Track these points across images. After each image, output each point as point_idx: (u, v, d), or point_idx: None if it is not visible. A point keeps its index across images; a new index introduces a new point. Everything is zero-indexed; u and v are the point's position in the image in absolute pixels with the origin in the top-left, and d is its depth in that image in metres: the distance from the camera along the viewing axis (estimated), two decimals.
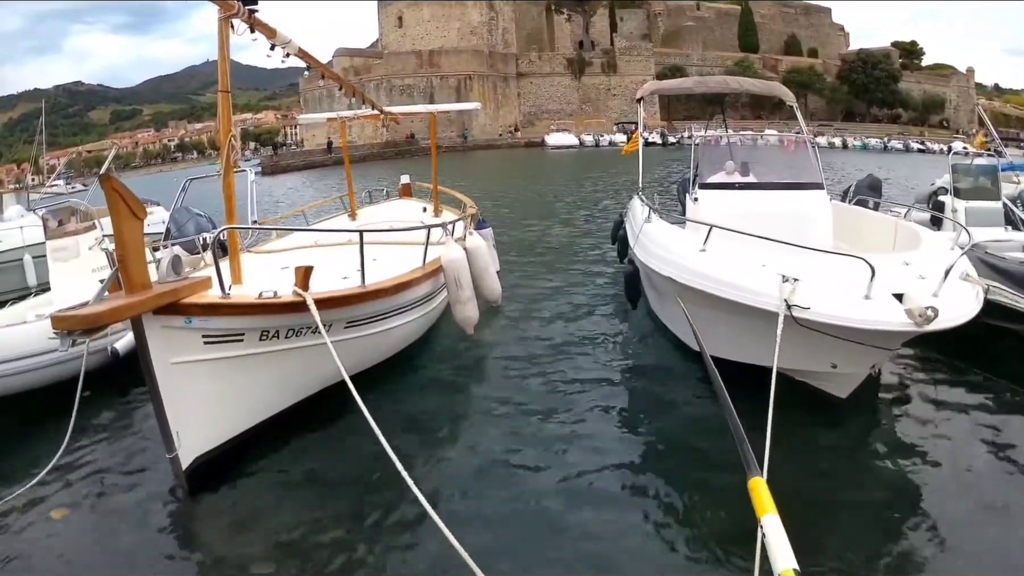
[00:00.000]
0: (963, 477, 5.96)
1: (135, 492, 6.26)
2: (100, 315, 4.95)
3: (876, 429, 6.95)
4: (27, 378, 8.10)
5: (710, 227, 7.25)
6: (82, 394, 6.14)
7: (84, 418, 7.50)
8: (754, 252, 6.88)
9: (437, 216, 13.64)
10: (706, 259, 7.10)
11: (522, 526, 5.46)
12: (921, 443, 6.51)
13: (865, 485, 5.91)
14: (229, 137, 7.19)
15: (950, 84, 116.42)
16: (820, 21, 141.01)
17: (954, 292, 6.05)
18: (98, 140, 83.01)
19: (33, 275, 14.18)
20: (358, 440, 6.66)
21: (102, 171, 26.40)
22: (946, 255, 7.03)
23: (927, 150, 72.33)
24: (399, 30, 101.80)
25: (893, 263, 6.64)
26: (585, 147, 75.81)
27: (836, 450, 6.47)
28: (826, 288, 6.05)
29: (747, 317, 6.56)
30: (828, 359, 6.56)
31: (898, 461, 6.24)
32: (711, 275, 6.84)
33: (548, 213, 24.47)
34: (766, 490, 3.49)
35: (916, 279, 6.30)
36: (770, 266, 6.47)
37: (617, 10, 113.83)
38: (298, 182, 51.77)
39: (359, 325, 7.37)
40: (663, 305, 9.14)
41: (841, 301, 5.88)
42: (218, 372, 6.10)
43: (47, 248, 10.09)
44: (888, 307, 5.72)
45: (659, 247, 8.25)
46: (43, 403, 7.88)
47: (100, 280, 8.49)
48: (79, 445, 7.08)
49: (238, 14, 6.88)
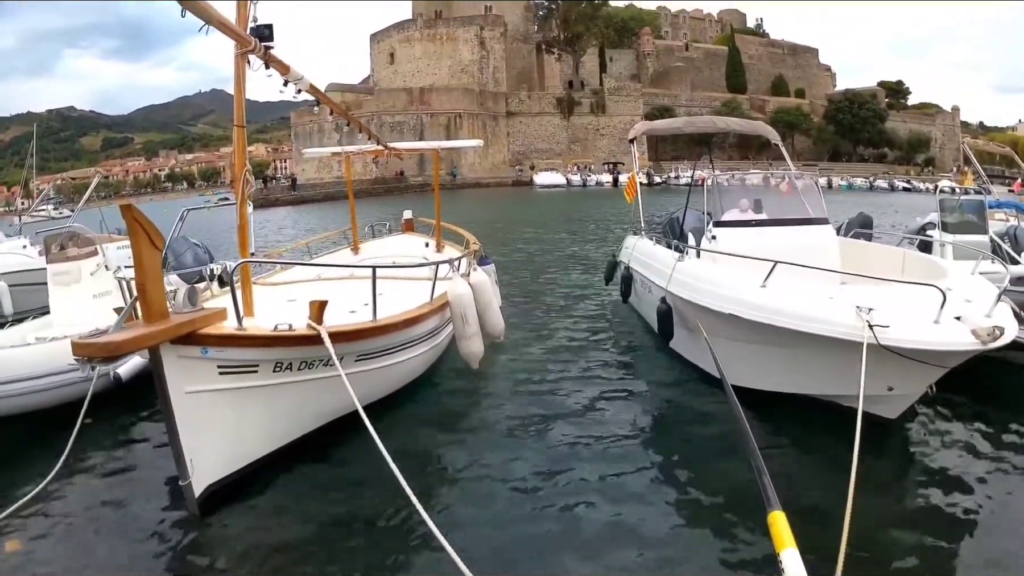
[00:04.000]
0: (982, 510, 5.96)
1: (143, 516, 6.24)
2: (121, 344, 5.03)
3: (902, 462, 7.03)
4: (27, 400, 8.09)
5: (774, 263, 7.40)
6: (84, 420, 6.21)
7: (87, 442, 7.53)
8: (813, 286, 7.30)
9: (439, 251, 13.73)
10: (772, 294, 7.25)
11: (532, 560, 5.44)
12: (940, 476, 6.61)
13: (894, 519, 5.86)
14: (244, 171, 7.25)
15: (936, 123, 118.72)
16: (807, 62, 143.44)
17: (1002, 313, 6.54)
18: (89, 166, 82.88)
19: (9, 303, 14.26)
20: (368, 472, 6.69)
21: (83, 200, 26.47)
22: (978, 281, 7.64)
23: (913, 189, 73.14)
24: (391, 67, 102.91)
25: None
26: (573, 186, 76.07)
27: (868, 480, 6.50)
28: (899, 314, 6.35)
29: (815, 349, 6.78)
30: (886, 382, 6.74)
31: (921, 495, 6.31)
32: (784, 309, 7.00)
33: (543, 249, 24.64)
34: (786, 524, 3.53)
35: (963, 303, 6.69)
36: (836, 299, 6.87)
37: (607, 50, 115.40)
38: (289, 219, 51.23)
39: (369, 359, 7.43)
40: (695, 340, 9.12)
41: (916, 324, 6.24)
42: (232, 402, 6.15)
43: (48, 272, 10.12)
44: (956, 328, 6.15)
45: (710, 284, 8.29)
46: (46, 425, 7.88)
47: (110, 306, 8.60)
48: (82, 468, 7.10)
49: (255, 50, 7.00)
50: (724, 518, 5.93)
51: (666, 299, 9.54)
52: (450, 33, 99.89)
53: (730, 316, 7.56)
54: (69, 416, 6.57)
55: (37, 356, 8.24)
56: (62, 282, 9.94)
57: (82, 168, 64.71)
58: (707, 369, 8.86)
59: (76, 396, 6.43)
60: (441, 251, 13.76)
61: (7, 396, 7.94)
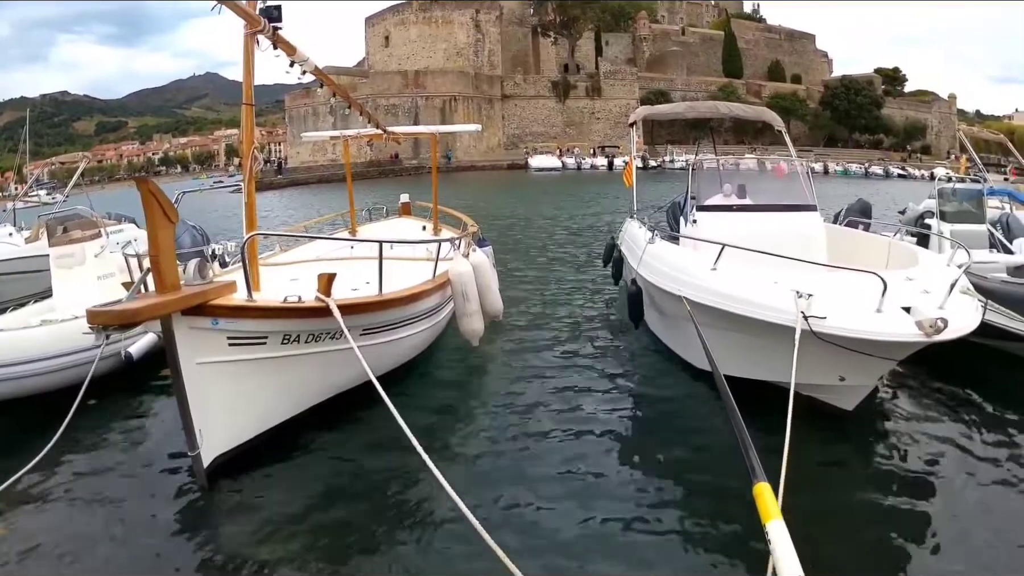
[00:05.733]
0: (959, 488, 6.14)
1: (151, 488, 6.40)
2: (136, 311, 5.19)
3: (877, 444, 7.06)
4: (34, 382, 8.19)
5: (721, 246, 7.46)
6: (89, 401, 6.32)
7: (96, 419, 7.79)
8: (762, 271, 7.11)
9: (437, 234, 13.84)
10: (718, 278, 7.29)
11: (526, 532, 5.59)
12: (919, 457, 6.71)
13: (868, 496, 6.05)
14: (252, 148, 7.38)
15: (932, 110, 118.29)
16: (804, 47, 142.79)
17: (958, 305, 6.32)
18: (83, 151, 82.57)
19: None
20: (372, 442, 6.94)
21: (70, 185, 26.42)
22: (945, 272, 7.30)
23: (908, 175, 73.13)
24: (385, 49, 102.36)
25: (896, 279, 6.82)
26: (567, 169, 75.93)
27: (840, 462, 6.65)
28: (839, 302, 6.28)
29: (759, 333, 6.74)
30: (836, 372, 6.72)
31: (898, 474, 6.40)
32: (725, 292, 7.01)
33: (538, 231, 24.82)
34: (772, 496, 3.53)
35: (920, 293, 6.55)
36: (781, 283, 6.69)
37: (603, 34, 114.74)
38: (282, 200, 50.90)
39: (374, 333, 7.59)
40: (666, 324, 9.35)
41: (855, 314, 6.10)
42: (241, 373, 6.31)
43: (51, 255, 10.12)
44: (900, 319, 5.97)
45: (668, 267, 8.43)
46: (54, 406, 7.97)
47: (114, 288, 8.69)
48: (89, 444, 7.29)
49: (263, 30, 7.12)
50: (709, 491, 6.11)
51: (635, 280, 9.71)
52: (445, 16, 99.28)
53: (681, 298, 7.62)
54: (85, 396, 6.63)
55: (43, 337, 8.32)
56: (65, 265, 9.94)
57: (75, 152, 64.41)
58: (676, 351, 9.08)
59: (82, 378, 6.52)
60: (438, 234, 13.85)
61: (13, 378, 8.03)
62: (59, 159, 33.93)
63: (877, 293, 6.09)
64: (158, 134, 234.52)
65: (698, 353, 6.92)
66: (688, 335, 7.50)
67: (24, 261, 14.45)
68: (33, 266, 13.96)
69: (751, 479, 3.67)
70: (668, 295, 8.13)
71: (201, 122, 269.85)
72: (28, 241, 16.62)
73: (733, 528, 5.49)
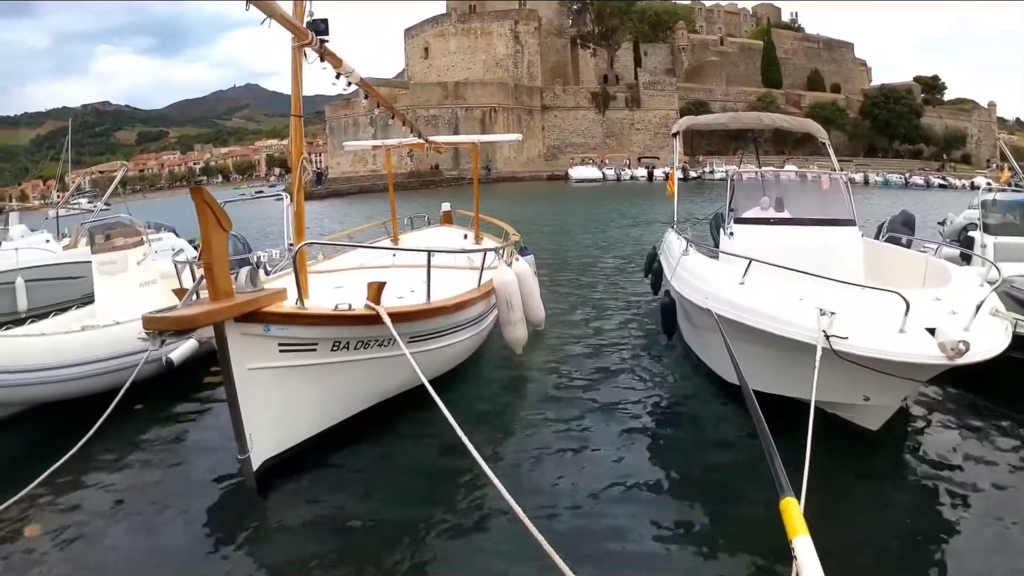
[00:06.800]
0: (990, 507, 6.02)
1: (199, 491, 6.52)
2: (192, 318, 5.31)
3: (906, 460, 6.99)
4: (75, 386, 8.31)
5: (749, 260, 7.43)
6: (129, 403, 6.40)
7: (142, 423, 8.01)
8: (791, 286, 7.03)
9: (478, 243, 13.94)
10: (745, 292, 7.26)
11: (571, 534, 5.59)
12: (950, 474, 6.58)
13: (896, 513, 6.00)
14: (301, 159, 7.52)
15: (972, 119, 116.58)
16: (842, 56, 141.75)
17: (984, 327, 6.17)
18: (124, 159, 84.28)
19: (24, 299, 14.20)
20: (418, 446, 7.04)
21: (107, 194, 26.83)
22: (975, 290, 7.15)
23: (948, 185, 72.04)
24: (425, 61, 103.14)
25: (925, 298, 6.71)
26: (607, 180, 75.78)
27: (868, 479, 6.58)
28: (862, 321, 6.16)
29: (784, 349, 6.66)
30: (860, 391, 6.64)
31: (928, 491, 6.31)
32: (750, 307, 6.97)
33: (579, 242, 24.84)
34: (798, 511, 3.49)
35: (947, 314, 6.39)
36: (807, 300, 6.60)
37: (641, 45, 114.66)
38: (322, 209, 51.53)
39: (421, 340, 7.66)
40: (697, 336, 9.31)
41: (876, 334, 5.99)
42: (291, 379, 6.42)
43: (93, 262, 10.28)
44: (921, 340, 5.83)
45: (697, 279, 8.39)
46: (100, 409, 8.13)
47: (156, 295, 8.88)
48: (137, 446, 7.48)
49: (311, 43, 7.27)
50: (736, 505, 6.07)
51: (669, 292, 9.72)
52: (484, 27, 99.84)
53: (708, 311, 7.58)
54: (126, 401, 6.64)
55: (85, 343, 8.49)
56: (108, 271, 10.12)
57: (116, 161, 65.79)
58: (709, 364, 8.99)
59: (122, 383, 6.62)
60: (480, 243, 13.96)
61: (55, 381, 8.17)
62: (99, 168, 34.50)
63: (901, 313, 6.00)
64: (199, 144, 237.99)
65: (727, 366, 6.78)
66: (717, 348, 7.47)
67: (61, 267, 14.76)
68: (70, 272, 14.28)
69: (778, 494, 3.64)
70: (697, 307, 8.10)
71: (242, 132, 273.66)
72: (66, 248, 16.96)
73: (762, 542, 5.36)
